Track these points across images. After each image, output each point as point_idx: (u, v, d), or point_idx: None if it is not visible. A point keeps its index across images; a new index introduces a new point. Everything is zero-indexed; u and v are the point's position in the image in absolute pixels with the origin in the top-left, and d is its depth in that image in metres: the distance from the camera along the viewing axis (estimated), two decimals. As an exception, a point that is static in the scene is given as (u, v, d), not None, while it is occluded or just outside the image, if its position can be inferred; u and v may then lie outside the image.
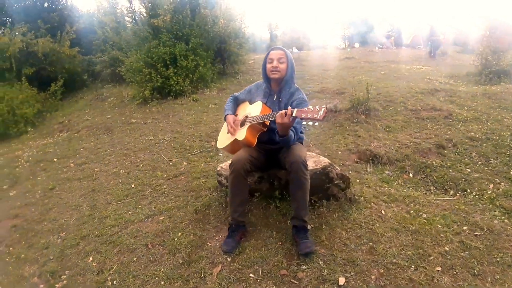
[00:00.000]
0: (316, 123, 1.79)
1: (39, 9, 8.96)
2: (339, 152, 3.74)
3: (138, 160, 4.19)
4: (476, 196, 2.88)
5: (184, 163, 3.84)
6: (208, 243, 2.34)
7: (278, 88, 2.37)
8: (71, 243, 2.72)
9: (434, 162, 3.51)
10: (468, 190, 3.00)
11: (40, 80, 8.79)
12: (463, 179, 3.19)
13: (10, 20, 8.99)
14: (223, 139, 2.60)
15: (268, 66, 2.33)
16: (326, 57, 11.22)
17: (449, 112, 4.71)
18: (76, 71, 9.54)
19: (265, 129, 2.34)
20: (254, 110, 2.40)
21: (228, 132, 2.51)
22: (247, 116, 2.42)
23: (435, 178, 3.27)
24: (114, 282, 2.18)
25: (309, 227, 2.32)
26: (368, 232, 2.21)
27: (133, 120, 6.15)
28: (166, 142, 4.67)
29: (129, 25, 7.40)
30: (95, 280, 2.24)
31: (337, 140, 4.10)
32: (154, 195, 3.21)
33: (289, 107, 1.94)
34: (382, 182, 3.14)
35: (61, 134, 6.43)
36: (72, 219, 3.10)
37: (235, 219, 2.26)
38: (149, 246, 2.45)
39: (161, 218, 2.78)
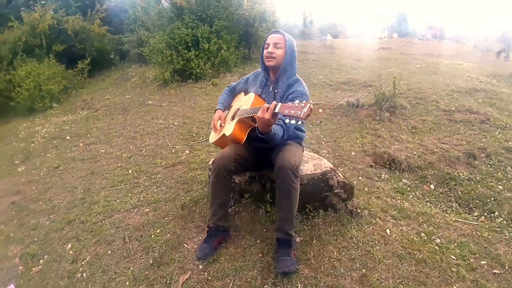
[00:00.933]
0: (299, 122, 1.48)
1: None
2: (353, 153, 3.37)
3: (143, 145, 4.09)
4: (504, 222, 2.42)
5: (186, 151, 3.67)
6: (185, 244, 2.16)
7: (275, 77, 2.07)
8: (57, 226, 2.69)
9: (461, 174, 3.05)
10: (496, 213, 2.55)
11: (69, 58, 9.00)
12: (493, 198, 2.72)
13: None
14: (214, 134, 2.36)
15: (264, 52, 2.04)
16: (360, 46, 10.48)
17: (486, 116, 4.11)
18: (105, 50, 9.66)
19: (256, 125, 2.06)
20: (246, 102, 2.12)
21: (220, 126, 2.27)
22: (239, 108, 2.16)
23: (459, 193, 2.83)
24: (84, 274, 2.11)
25: (298, 239, 2.06)
26: (364, 255, 1.89)
27: (150, 102, 6.08)
28: (174, 127, 4.52)
29: (155, 5, 7.24)
30: (67, 269, 2.19)
31: (353, 138, 3.71)
32: (147, 183, 3.07)
33: (273, 102, 1.65)
34: (396, 192, 2.76)
35: (81, 112, 6.52)
36: (65, 201, 3.06)
37: (214, 222, 2.04)
38: (126, 240, 2.33)
39: (147, 210, 2.64)
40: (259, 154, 2.13)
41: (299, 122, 1.48)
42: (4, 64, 8.12)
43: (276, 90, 2.06)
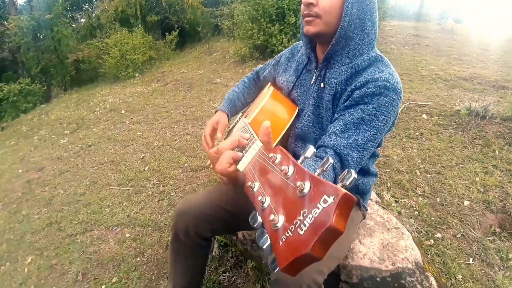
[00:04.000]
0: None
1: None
2: (466, 203, 1.99)
3: (181, 133, 3.42)
4: None
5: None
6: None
7: (324, 56, 0.95)
8: (37, 227, 2.25)
9: None
10: None
11: (163, 29, 9.05)
12: None
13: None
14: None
15: (302, 5, 0.93)
16: (490, 34, 7.81)
17: None
18: (197, 22, 9.43)
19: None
20: (256, 106, 1.10)
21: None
22: (246, 115, 1.16)
23: None
24: None
25: None
26: None
27: (218, 80, 5.44)
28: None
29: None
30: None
31: (470, 173, 2.28)
32: (151, 192, 2.36)
33: (240, 138, 0.62)
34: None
35: (153, 84, 6.30)
36: (66, 193, 2.61)
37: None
38: (79, 277, 1.71)
39: (127, 235, 1.93)
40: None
41: (274, 269, 0.40)
42: (101, 32, 8.56)
43: (323, 84, 0.96)
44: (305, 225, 0.36)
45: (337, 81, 0.91)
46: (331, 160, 0.44)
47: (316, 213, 0.36)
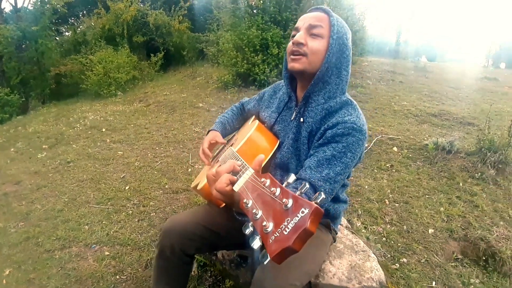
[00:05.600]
0: (265, 260, 0.54)
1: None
2: (430, 231, 2.18)
3: (162, 155, 3.49)
4: None
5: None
6: None
7: (304, 94, 1.12)
8: (14, 241, 2.25)
9: None
10: None
11: (148, 50, 9.22)
12: None
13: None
14: (200, 174, 1.50)
15: (289, 43, 1.09)
16: (460, 73, 8.50)
17: None
18: (183, 46, 9.68)
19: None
20: (242, 135, 1.24)
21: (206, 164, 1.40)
22: (233, 144, 1.29)
23: None
24: None
25: None
26: None
27: (200, 105, 5.57)
28: (207, 140, 3.83)
29: (229, 6, 6.82)
30: None
31: (436, 203, 2.49)
32: (131, 211, 2.41)
33: (234, 164, 0.75)
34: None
35: (135, 104, 6.36)
36: (44, 208, 2.59)
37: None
38: None
39: (106, 253, 1.95)
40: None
41: (265, 260, 0.54)
42: (86, 48, 8.61)
43: (302, 119, 1.11)
44: (288, 228, 0.51)
45: (313, 120, 1.07)
46: (307, 185, 0.59)
47: (296, 220, 0.50)
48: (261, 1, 6.10)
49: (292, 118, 1.15)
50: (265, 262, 0.52)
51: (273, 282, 0.90)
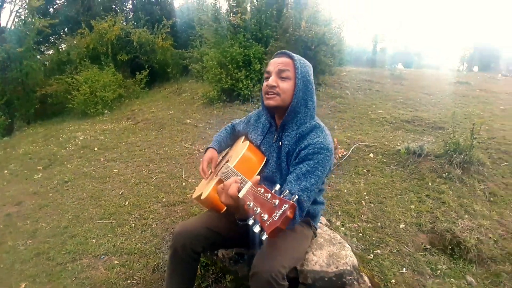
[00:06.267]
0: (263, 236, 0.87)
1: (144, 2, 9.68)
2: (401, 226, 2.52)
3: (157, 171, 3.74)
4: None
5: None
6: (128, 333, 1.61)
7: (281, 123, 1.44)
8: (25, 257, 2.44)
9: None
10: None
11: (133, 68, 9.46)
12: None
13: (118, 8, 9.95)
14: (200, 186, 1.80)
15: (264, 84, 1.42)
16: (434, 79, 9.05)
17: None
18: (166, 63, 9.96)
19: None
20: (236, 154, 1.54)
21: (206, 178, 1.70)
22: (228, 160, 1.59)
23: None
24: None
25: None
26: None
27: (188, 121, 5.84)
28: (198, 155, 4.11)
29: (211, 23, 7.16)
30: None
31: (407, 202, 2.84)
32: (134, 224, 2.65)
33: (237, 179, 1.05)
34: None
35: (124, 123, 6.57)
36: (49, 226, 2.79)
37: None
38: None
39: (116, 262, 2.19)
40: (245, 229, 1.50)
41: (263, 236, 0.86)
42: (71, 67, 8.77)
43: (280, 142, 1.43)
44: (277, 216, 0.82)
45: (289, 143, 1.39)
46: (287, 191, 0.91)
47: (281, 211, 0.83)
48: (242, 20, 6.48)
49: (274, 141, 1.47)
50: (263, 238, 0.83)
51: (268, 264, 1.19)
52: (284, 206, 0.83)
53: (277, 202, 0.85)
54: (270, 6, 6.53)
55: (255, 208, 0.89)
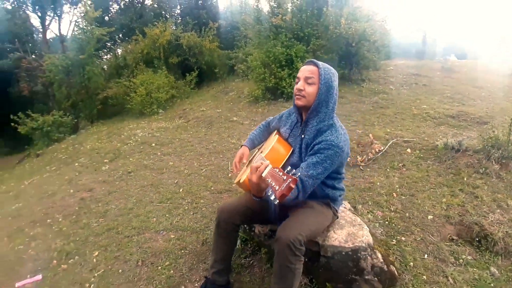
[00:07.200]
0: (275, 201, 1.24)
1: (191, 7, 10.41)
2: (429, 217, 2.68)
3: (206, 163, 4.22)
4: None
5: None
6: (183, 286, 2.07)
7: (305, 119, 1.78)
8: (98, 231, 2.99)
9: None
10: None
11: (183, 69, 10.25)
12: None
13: (167, 14, 10.81)
14: (240, 174, 2.19)
15: (295, 87, 1.76)
16: (487, 71, 8.52)
17: None
18: (214, 64, 10.62)
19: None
20: (268, 144, 1.91)
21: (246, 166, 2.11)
22: (262, 151, 1.96)
23: None
24: (92, 286, 2.26)
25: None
26: None
27: (235, 118, 6.31)
28: (242, 150, 4.52)
29: (254, 24, 7.58)
30: (83, 275, 2.40)
31: (439, 195, 2.97)
32: (188, 207, 3.13)
33: (261, 163, 1.39)
34: (473, 287, 2.04)
35: (176, 121, 7.25)
36: (117, 208, 3.37)
37: (211, 275, 1.88)
38: (139, 263, 2.42)
39: (172, 236, 2.68)
40: (279, 208, 1.85)
41: (275, 202, 1.22)
42: (127, 71, 9.76)
43: (303, 136, 1.76)
44: (283, 186, 1.18)
45: (309, 137, 1.71)
46: (295, 171, 1.24)
47: (286, 183, 1.18)
48: (283, 21, 6.79)
49: (298, 134, 1.80)
50: (276, 203, 1.19)
51: (288, 232, 1.53)
52: (289, 180, 1.18)
53: (285, 177, 1.20)
54: (310, 5, 6.76)
55: (272, 183, 1.25)
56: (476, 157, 3.45)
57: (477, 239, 2.47)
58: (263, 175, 1.34)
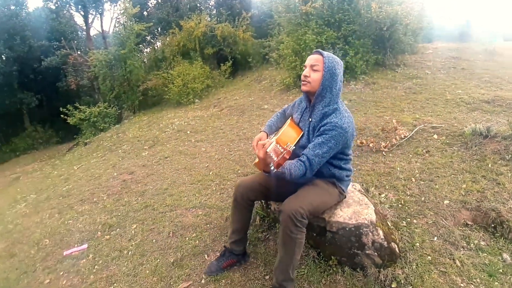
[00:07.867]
0: (273, 169, 1.49)
1: (225, -2, 10.70)
2: (446, 202, 2.73)
3: (236, 149, 4.51)
4: None
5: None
6: (206, 255, 2.39)
7: (311, 104, 1.96)
8: (137, 207, 3.40)
9: None
10: None
11: (218, 60, 10.59)
12: None
13: (202, 7, 11.16)
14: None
15: (303, 73, 1.94)
16: None
17: None
18: (247, 53, 10.85)
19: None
20: (282, 129, 2.11)
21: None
22: (276, 134, 2.17)
23: None
24: (129, 252, 2.65)
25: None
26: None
27: (266, 106, 6.53)
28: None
29: (285, 13, 7.63)
30: (122, 244, 2.79)
31: (459, 181, 2.97)
32: (216, 188, 3.44)
33: (265, 140, 1.61)
34: (481, 271, 2.11)
35: (211, 109, 7.62)
36: (154, 188, 3.76)
37: (229, 244, 2.16)
38: (170, 235, 2.76)
39: (200, 212, 3.00)
40: (290, 187, 2.06)
41: (273, 170, 1.45)
42: (165, 63, 10.30)
43: (310, 119, 1.95)
44: (280, 157, 1.51)
45: (315, 120, 1.89)
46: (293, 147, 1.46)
47: (281, 155, 1.54)
48: (313, 8, 6.80)
49: (307, 118, 1.98)
50: (274, 172, 1.43)
51: (290, 205, 1.74)
52: (284, 152, 1.43)
53: (282, 150, 1.45)
54: (341, -11, 6.69)
55: (273, 157, 1.48)
56: (503, 144, 3.37)
57: (492, 225, 2.45)
58: (268, 150, 1.57)
